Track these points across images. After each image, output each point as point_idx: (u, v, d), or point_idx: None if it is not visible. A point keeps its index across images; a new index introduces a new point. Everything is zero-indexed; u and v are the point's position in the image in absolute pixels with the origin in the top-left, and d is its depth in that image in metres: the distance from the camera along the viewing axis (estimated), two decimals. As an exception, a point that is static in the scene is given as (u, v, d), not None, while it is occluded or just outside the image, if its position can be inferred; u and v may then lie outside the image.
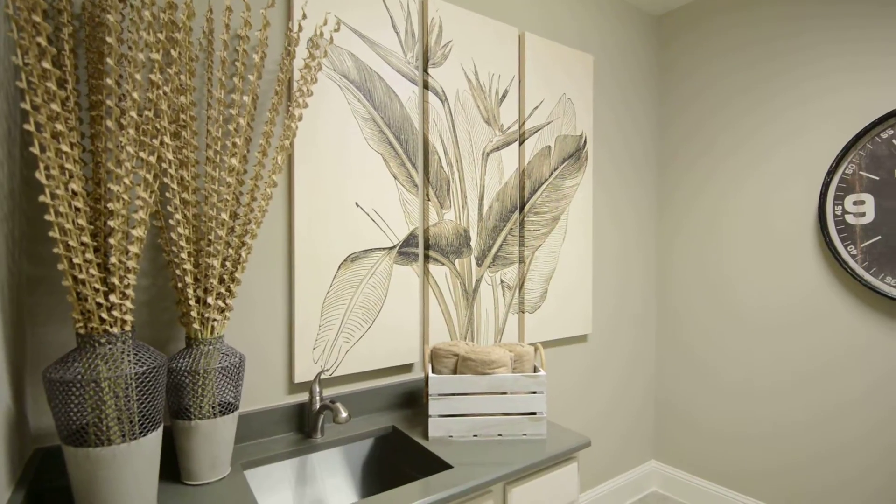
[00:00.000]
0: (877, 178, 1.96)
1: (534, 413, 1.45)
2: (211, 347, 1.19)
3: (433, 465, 1.35)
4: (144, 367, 1.01)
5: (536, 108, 2.11)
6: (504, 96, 2.00)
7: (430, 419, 1.43)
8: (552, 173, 2.17)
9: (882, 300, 1.96)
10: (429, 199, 1.77)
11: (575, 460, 1.45)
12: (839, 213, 2.06)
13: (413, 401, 1.75)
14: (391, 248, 1.68)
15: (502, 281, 2.00)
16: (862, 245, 1.99)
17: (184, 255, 1.13)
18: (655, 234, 2.76)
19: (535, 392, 1.45)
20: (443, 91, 1.81)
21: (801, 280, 2.19)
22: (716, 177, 2.50)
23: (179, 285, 1.17)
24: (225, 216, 1.16)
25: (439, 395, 1.43)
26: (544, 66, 2.13)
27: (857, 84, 2.02)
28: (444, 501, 1.14)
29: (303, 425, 1.51)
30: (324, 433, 1.47)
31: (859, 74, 2.02)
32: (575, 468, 1.44)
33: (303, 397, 1.54)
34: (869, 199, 1.98)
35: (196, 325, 1.17)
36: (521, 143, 2.06)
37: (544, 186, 2.14)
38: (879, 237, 1.95)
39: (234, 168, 1.16)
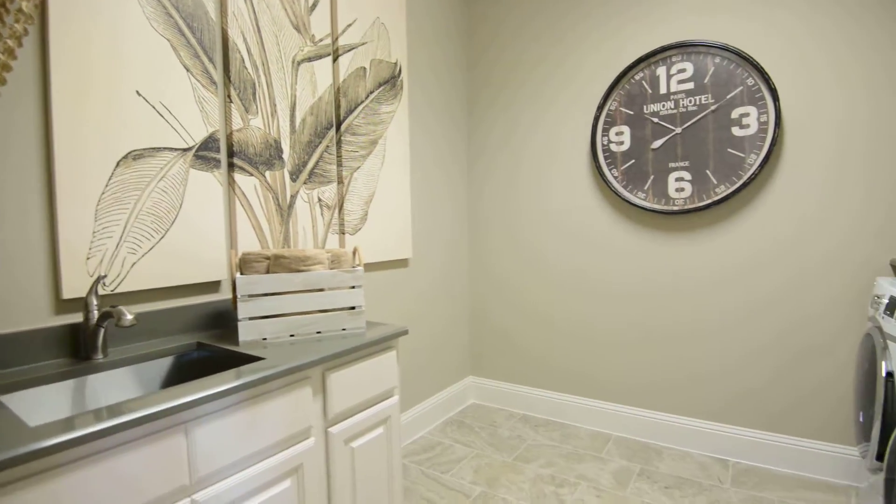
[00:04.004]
0: (632, 113, 2.40)
1: (353, 308, 1.46)
2: (-77, 236, 0.91)
3: (245, 363, 1.27)
4: None
5: (350, 25, 2.06)
6: (314, 5, 1.90)
7: (239, 323, 1.33)
8: (368, 96, 2.17)
9: (634, 209, 2.44)
10: (231, 101, 1.61)
11: (394, 349, 1.50)
12: (605, 142, 2.47)
13: (223, 321, 1.61)
14: (186, 150, 1.50)
15: (320, 199, 1.94)
16: (622, 168, 2.44)
17: None
18: (466, 162, 2.98)
19: (353, 287, 1.46)
20: (243, -17, 1.65)
21: (581, 200, 2.59)
22: (515, 111, 2.78)
23: None
24: (-68, 57, 0.89)
25: (249, 295, 1.34)
26: (356, -18, 2.09)
27: (622, 32, 2.43)
28: (258, 384, 1.08)
29: (79, 348, 1.28)
30: (107, 353, 1.27)
31: (623, 23, 2.43)
32: (394, 356, 1.50)
33: (76, 317, 1.29)
34: (626, 130, 2.42)
35: None
36: (334, 59, 2.00)
37: (361, 108, 2.13)
38: (633, 161, 2.40)
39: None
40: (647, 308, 2.43)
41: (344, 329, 1.44)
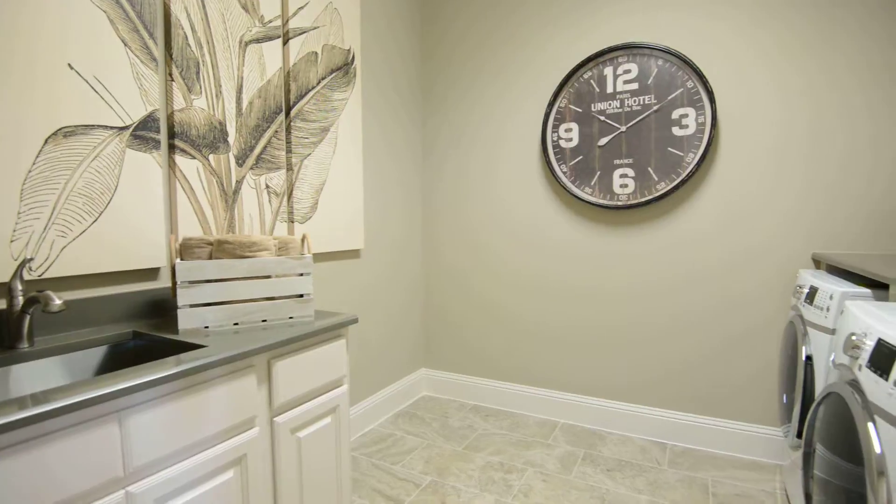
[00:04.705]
0: (580, 111, 2.47)
1: (301, 295, 1.43)
2: None
3: (184, 351, 1.23)
4: None
5: (301, 8, 2.01)
6: (264, -15, 1.85)
7: (179, 311, 1.28)
8: (320, 82, 2.12)
9: (581, 204, 2.52)
10: (172, 79, 1.54)
11: (343, 337, 1.49)
12: (555, 138, 2.54)
13: (162, 310, 1.54)
14: (122, 129, 1.42)
15: (268, 186, 1.89)
16: (570, 164, 2.51)
17: None
18: (421, 153, 2.98)
19: (301, 274, 1.43)
20: (187, -43, 1.57)
21: (531, 194, 2.65)
22: (468, 104, 2.81)
23: None
24: None
25: (190, 282, 1.29)
26: (308, -35, 2.04)
27: (572, 30, 2.50)
28: (198, 371, 1.04)
29: (2, 337, 1.19)
30: (33, 342, 1.19)
31: (572, 26, 2.50)
32: (343, 344, 1.48)
33: (-3, 303, 1.21)
34: (575, 127, 2.49)
35: None
36: (285, 42, 1.95)
37: (312, 94, 2.08)
38: (581, 157, 2.48)
39: None
40: (593, 300, 2.52)
41: (291, 317, 1.41)
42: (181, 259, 1.36)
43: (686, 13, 2.23)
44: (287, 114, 1.97)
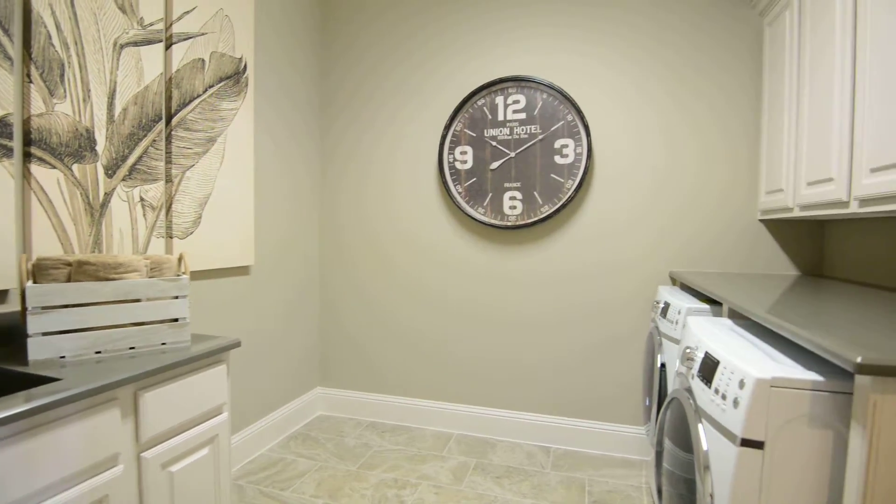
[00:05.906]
0: (474, 135, 2.60)
1: (176, 320, 1.35)
2: None
3: (33, 386, 1.10)
4: None
5: (188, 13, 1.91)
6: (143, -14, 1.73)
7: (29, 339, 1.15)
8: (207, 90, 2.03)
9: (475, 223, 2.64)
10: (30, 81, 1.39)
11: (224, 363, 1.42)
12: (451, 160, 2.65)
13: (9, 339, 1.37)
14: (-38, 134, 1.25)
15: (143, 199, 1.76)
16: (465, 184, 2.62)
17: None
18: (319, 167, 2.93)
19: (177, 297, 1.35)
20: (49, -52, 1.44)
21: (428, 212, 2.73)
22: (370, 127, 2.83)
23: None
24: None
25: (42, 308, 1.17)
26: (196, -31, 1.95)
27: (467, 63, 2.63)
28: (45, 409, 0.94)
29: None
30: None
31: (468, 56, 2.63)
32: (223, 370, 1.42)
33: None
34: (469, 150, 2.61)
35: None
36: (167, 47, 1.84)
37: (197, 102, 1.98)
38: (475, 179, 2.61)
39: None
40: (485, 314, 2.64)
41: (164, 343, 1.33)
42: (34, 282, 1.23)
43: (569, 51, 2.45)
44: (168, 122, 1.85)
